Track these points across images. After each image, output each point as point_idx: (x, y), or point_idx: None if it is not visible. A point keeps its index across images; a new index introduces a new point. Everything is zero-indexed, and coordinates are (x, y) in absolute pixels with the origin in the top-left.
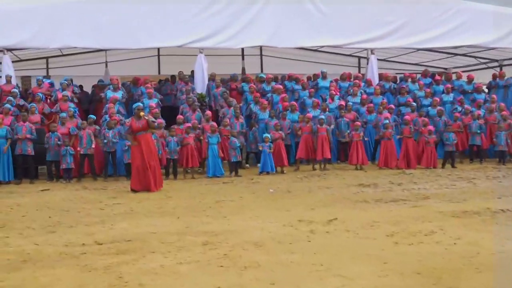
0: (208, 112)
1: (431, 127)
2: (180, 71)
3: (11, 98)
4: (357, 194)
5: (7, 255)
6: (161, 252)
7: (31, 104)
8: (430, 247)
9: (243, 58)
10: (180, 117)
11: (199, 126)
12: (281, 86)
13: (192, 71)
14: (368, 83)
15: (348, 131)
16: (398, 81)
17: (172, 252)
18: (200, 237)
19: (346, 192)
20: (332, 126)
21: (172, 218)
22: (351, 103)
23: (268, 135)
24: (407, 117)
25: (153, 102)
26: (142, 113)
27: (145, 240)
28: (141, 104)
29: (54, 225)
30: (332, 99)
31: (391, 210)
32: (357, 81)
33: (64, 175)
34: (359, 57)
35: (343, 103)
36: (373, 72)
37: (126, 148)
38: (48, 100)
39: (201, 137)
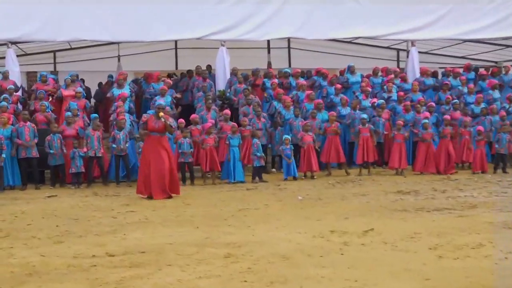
0: (227, 111)
1: (480, 127)
2: (198, 66)
3: (6, 95)
4: (396, 202)
5: (11, 267)
6: (178, 266)
7: (41, 102)
8: (478, 262)
9: (269, 52)
10: (194, 116)
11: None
12: (305, 82)
13: (209, 66)
14: (403, 78)
15: (384, 132)
16: (439, 76)
17: (191, 265)
18: (222, 249)
19: (383, 199)
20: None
21: (190, 228)
22: (382, 101)
23: (289, 137)
24: (447, 116)
25: (166, 100)
26: (161, 114)
27: (161, 252)
28: (162, 103)
29: (61, 235)
30: (367, 96)
31: (434, 220)
32: (391, 76)
33: (72, 180)
34: (398, 50)
35: (374, 100)
36: (413, 66)
37: (140, 150)
38: (50, 98)
39: (219, 138)
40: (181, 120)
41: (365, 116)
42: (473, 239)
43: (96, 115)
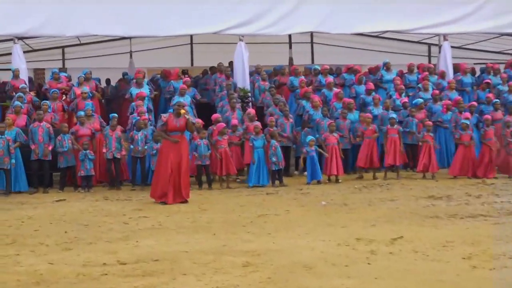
0: (251, 110)
1: None
2: (220, 63)
3: (21, 94)
4: (427, 208)
5: (18, 275)
6: (194, 275)
7: (43, 101)
8: None
9: (290, 47)
10: (215, 116)
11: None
12: (332, 80)
13: (231, 62)
14: (441, 75)
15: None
16: (477, 73)
17: (207, 274)
18: (240, 257)
19: (413, 205)
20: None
21: (207, 235)
22: (421, 100)
23: (313, 138)
24: (488, 116)
25: (185, 101)
26: (183, 111)
27: (176, 260)
28: (182, 100)
29: (70, 242)
30: (400, 95)
31: (468, 227)
32: (426, 73)
33: (82, 183)
34: (429, 44)
35: (406, 100)
36: (446, 62)
37: (154, 152)
38: (64, 97)
39: (244, 139)
40: (198, 120)
41: (393, 116)
42: (510, 248)
43: (115, 114)
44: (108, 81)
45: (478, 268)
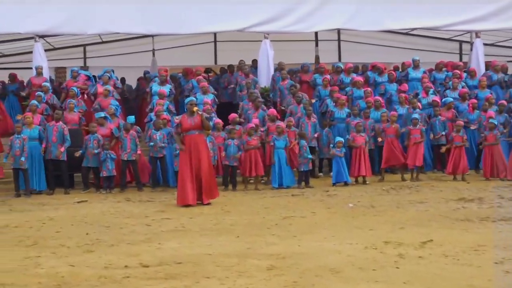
0: (273, 110)
1: None
2: (241, 60)
3: (40, 93)
4: (458, 210)
5: (38, 278)
6: (217, 278)
7: (70, 100)
8: None
9: (316, 45)
10: (234, 115)
11: (261, 127)
12: (361, 78)
13: (254, 61)
14: (472, 73)
15: (444, 133)
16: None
17: (231, 278)
18: (264, 260)
19: (443, 208)
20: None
21: (230, 237)
22: (450, 99)
23: (342, 139)
24: None
25: (208, 98)
26: (195, 108)
27: (199, 263)
28: (194, 99)
29: (92, 244)
30: (427, 93)
31: (500, 231)
32: (457, 71)
33: (104, 184)
34: (461, 42)
35: (437, 98)
36: (478, 60)
37: (177, 152)
38: (85, 96)
39: (265, 140)
40: (218, 121)
41: (416, 116)
42: None
43: (132, 117)
44: (123, 80)
45: (510, 273)
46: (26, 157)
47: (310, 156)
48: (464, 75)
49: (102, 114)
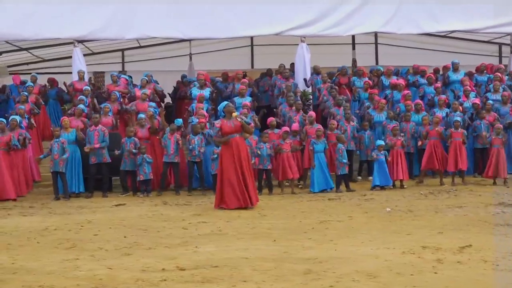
0: (312, 113)
1: None
2: (281, 64)
3: (83, 97)
4: (497, 215)
5: (77, 280)
6: (254, 282)
7: (104, 104)
8: None
9: (353, 48)
10: (272, 119)
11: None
12: (401, 81)
13: (292, 64)
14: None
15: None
16: None
17: (268, 282)
18: (301, 264)
19: (483, 212)
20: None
21: (267, 241)
22: (491, 101)
23: (382, 142)
24: None
25: (247, 101)
26: (234, 113)
27: (236, 266)
28: (230, 103)
29: (130, 247)
30: (467, 96)
31: None
32: (498, 74)
33: (141, 187)
34: (501, 44)
35: (477, 101)
36: None
37: (215, 156)
38: (126, 100)
39: (304, 143)
40: (252, 125)
41: (458, 118)
42: None
43: (180, 120)
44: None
45: None
46: (67, 157)
47: (345, 160)
48: (506, 78)
49: (143, 115)
